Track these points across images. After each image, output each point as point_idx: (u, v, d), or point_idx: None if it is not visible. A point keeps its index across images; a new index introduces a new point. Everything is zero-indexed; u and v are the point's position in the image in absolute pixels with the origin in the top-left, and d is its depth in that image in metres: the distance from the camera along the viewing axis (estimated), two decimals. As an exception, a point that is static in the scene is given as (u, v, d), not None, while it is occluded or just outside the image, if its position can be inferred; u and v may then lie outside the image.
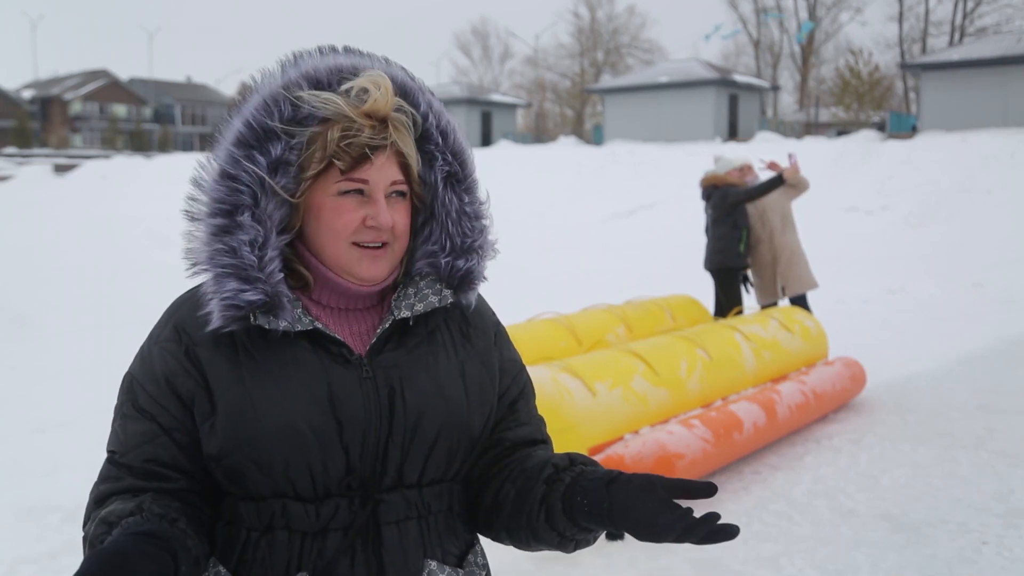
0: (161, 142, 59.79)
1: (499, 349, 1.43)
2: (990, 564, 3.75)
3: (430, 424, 1.29)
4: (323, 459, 1.24)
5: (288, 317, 1.25)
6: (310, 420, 1.23)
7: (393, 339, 1.32)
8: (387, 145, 1.26)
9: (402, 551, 1.28)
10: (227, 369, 1.25)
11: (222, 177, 1.24)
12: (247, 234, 1.23)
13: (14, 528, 4.17)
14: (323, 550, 1.25)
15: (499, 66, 66.49)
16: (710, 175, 7.52)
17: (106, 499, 1.25)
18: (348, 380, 1.26)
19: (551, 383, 4.21)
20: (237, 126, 1.25)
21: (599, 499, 1.21)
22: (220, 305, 1.23)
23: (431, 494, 1.32)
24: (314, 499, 1.25)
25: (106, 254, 16.55)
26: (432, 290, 1.34)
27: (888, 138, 24.10)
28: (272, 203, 1.26)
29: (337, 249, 1.27)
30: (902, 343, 8.36)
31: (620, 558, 3.81)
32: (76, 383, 7.00)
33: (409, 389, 1.29)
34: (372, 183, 1.26)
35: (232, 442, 1.23)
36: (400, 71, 1.33)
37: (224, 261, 1.23)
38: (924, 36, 45.35)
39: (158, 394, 1.27)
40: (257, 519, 1.27)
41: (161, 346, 1.29)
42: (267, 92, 1.26)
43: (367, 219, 1.26)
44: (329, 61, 1.29)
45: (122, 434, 1.28)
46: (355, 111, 1.24)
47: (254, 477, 1.24)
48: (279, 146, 1.24)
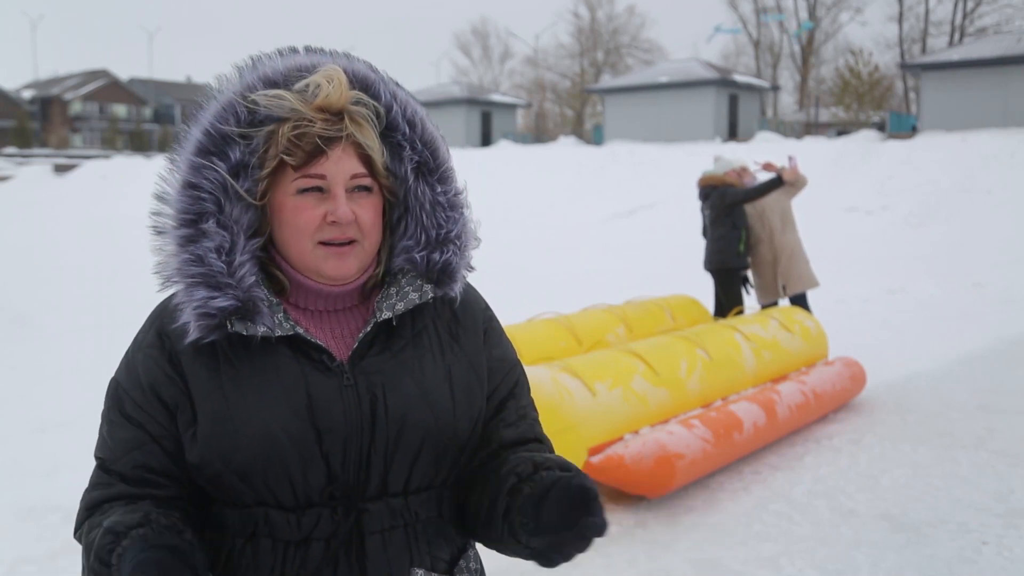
0: (161, 142, 59.75)
1: (488, 348, 1.39)
2: (990, 564, 3.75)
3: (414, 431, 1.26)
4: (303, 468, 1.22)
5: (267, 322, 1.23)
6: (288, 429, 1.21)
7: (378, 342, 1.29)
8: (342, 137, 1.23)
9: (386, 560, 1.26)
10: (207, 377, 1.24)
11: (184, 187, 1.24)
12: (212, 241, 1.22)
13: (14, 528, 4.17)
14: (306, 560, 1.24)
15: (499, 66, 66.55)
16: (707, 175, 7.52)
17: (98, 506, 1.25)
18: (328, 388, 1.24)
19: (551, 383, 4.21)
20: (196, 135, 1.25)
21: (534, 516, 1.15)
22: (194, 315, 1.22)
23: (418, 502, 1.30)
24: (295, 508, 1.24)
25: (106, 254, 16.55)
26: (412, 287, 1.31)
27: (888, 138, 24.11)
28: (238, 208, 1.24)
29: (303, 249, 1.26)
30: (902, 343, 8.36)
31: (620, 558, 3.81)
32: (76, 383, 7.00)
33: (392, 396, 1.26)
34: (330, 177, 1.23)
35: (212, 451, 1.22)
36: (362, 65, 1.31)
37: (192, 271, 1.22)
38: (924, 36, 45.36)
39: (144, 402, 1.26)
40: (242, 527, 1.26)
41: (145, 352, 1.28)
42: (224, 98, 1.25)
43: (328, 215, 1.24)
44: (288, 62, 1.27)
45: (110, 441, 1.28)
46: (307, 106, 1.23)
47: (235, 486, 1.23)
48: (237, 150, 1.24)
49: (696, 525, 4.16)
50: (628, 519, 4.21)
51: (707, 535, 4.05)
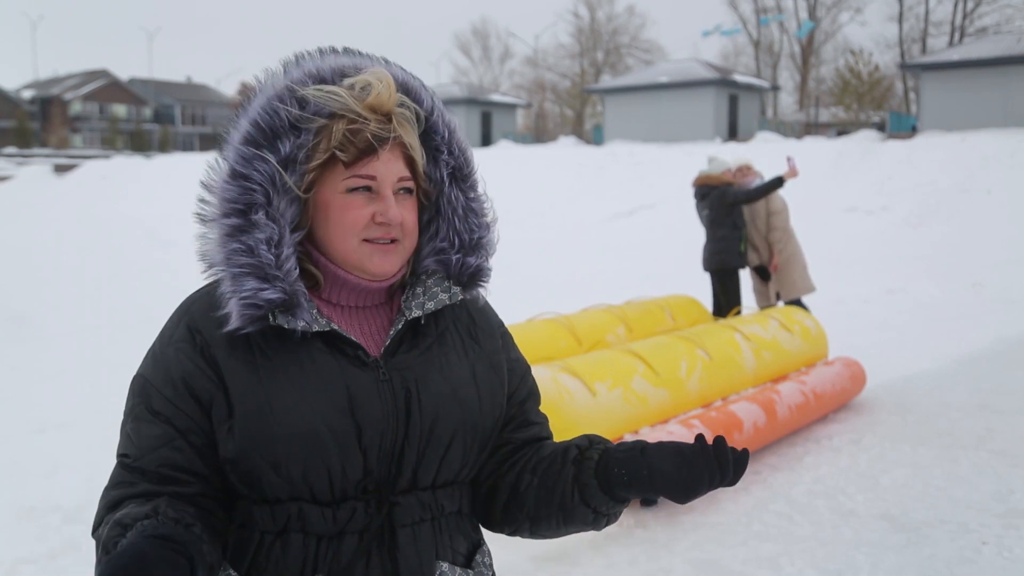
0: (161, 142, 59.72)
1: (507, 351, 1.44)
2: (990, 564, 3.75)
3: (445, 426, 1.29)
4: (342, 462, 1.23)
5: (306, 316, 1.25)
6: (329, 423, 1.23)
7: (406, 340, 1.32)
8: (393, 139, 1.26)
9: (416, 553, 1.28)
10: (244, 371, 1.24)
11: (233, 177, 1.24)
12: (263, 232, 1.23)
13: (14, 528, 4.17)
14: (339, 553, 1.25)
15: (499, 66, 66.55)
16: (704, 175, 7.52)
17: (119, 504, 1.23)
18: (366, 383, 1.26)
19: (551, 383, 4.21)
20: (245, 126, 1.25)
21: (637, 468, 1.25)
22: (239, 305, 1.22)
23: (444, 495, 1.33)
24: (331, 502, 1.25)
25: (106, 254, 16.55)
26: (441, 288, 1.34)
27: (888, 138, 24.09)
28: (284, 201, 1.26)
29: (347, 246, 1.28)
30: (902, 343, 8.36)
31: (620, 558, 3.81)
32: (76, 383, 7.00)
33: (424, 391, 1.29)
34: (380, 179, 1.26)
35: (250, 445, 1.22)
36: (400, 70, 1.34)
37: (241, 260, 1.23)
38: (924, 36, 45.34)
39: (174, 396, 1.25)
40: (272, 522, 1.26)
41: (176, 347, 1.27)
42: (272, 91, 1.26)
43: (376, 215, 1.27)
44: (331, 61, 1.30)
45: (135, 437, 1.26)
46: (360, 104, 1.25)
47: (271, 480, 1.24)
48: (288, 143, 1.25)
49: (696, 525, 4.16)
50: (628, 519, 4.21)
51: (707, 535, 4.05)
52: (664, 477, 1.23)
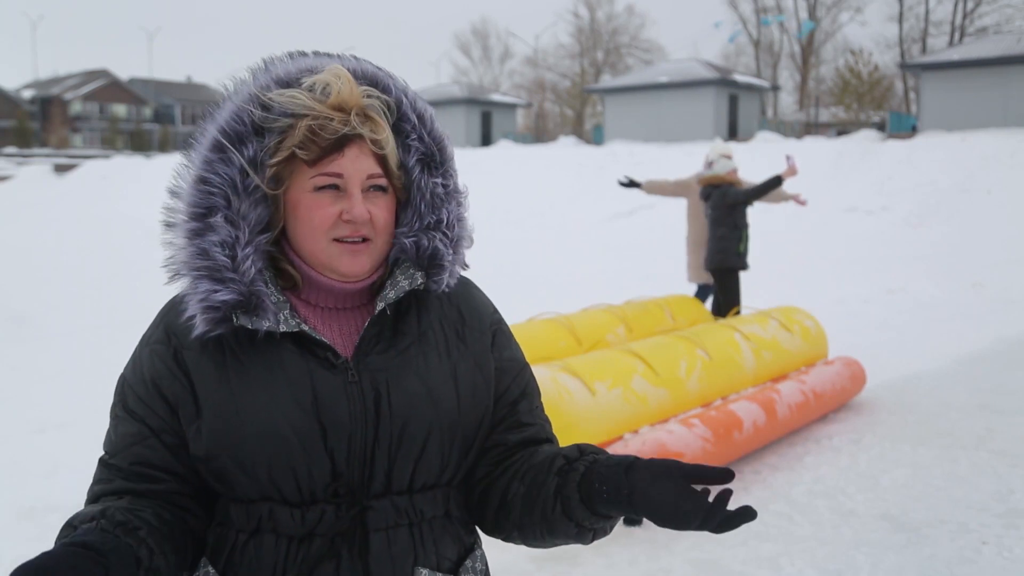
0: (161, 142, 59.71)
1: (498, 349, 1.41)
2: (990, 564, 3.75)
3: (418, 427, 1.27)
4: (307, 464, 1.23)
5: (271, 317, 1.25)
6: (293, 424, 1.23)
7: (384, 340, 1.31)
8: (358, 136, 1.25)
9: (390, 558, 1.27)
10: (213, 372, 1.26)
11: (196, 182, 1.26)
12: (218, 235, 1.24)
13: (14, 528, 4.17)
14: (308, 555, 1.25)
15: (499, 66, 66.50)
16: (708, 175, 7.52)
17: (97, 500, 1.26)
18: (333, 384, 1.26)
19: (551, 383, 4.21)
20: (212, 132, 1.27)
21: (618, 485, 1.20)
22: (199, 308, 1.24)
23: (423, 500, 1.30)
24: (300, 504, 1.25)
25: (106, 254, 16.55)
26: (405, 275, 1.32)
27: (888, 138, 24.08)
28: (246, 203, 1.26)
29: (317, 245, 1.27)
30: (902, 343, 8.36)
31: (621, 558, 3.81)
32: (76, 383, 7.00)
33: (396, 392, 1.27)
34: (347, 176, 1.25)
35: (217, 445, 1.24)
36: (368, 64, 1.34)
37: (197, 263, 1.25)
38: (924, 36, 45.33)
39: (147, 396, 1.28)
40: (246, 521, 1.27)
41: (151, 348, 1.30)
42: (239, 98, 1.27)
43: (343, 213, 1.26)
44: (299, 64, 1.30)
45: (114, 435, 1.30)
46: (322, 104, 1.25)
47: (240, 480, 1.25)
48: (251, 147, 1.26)
49: (696, 525, 4.15)
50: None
51: (707, 535, 4.03)
52: (646, 500, 1.18)
